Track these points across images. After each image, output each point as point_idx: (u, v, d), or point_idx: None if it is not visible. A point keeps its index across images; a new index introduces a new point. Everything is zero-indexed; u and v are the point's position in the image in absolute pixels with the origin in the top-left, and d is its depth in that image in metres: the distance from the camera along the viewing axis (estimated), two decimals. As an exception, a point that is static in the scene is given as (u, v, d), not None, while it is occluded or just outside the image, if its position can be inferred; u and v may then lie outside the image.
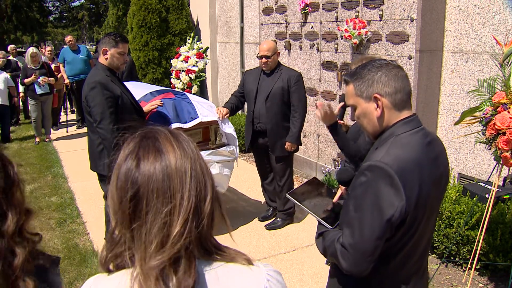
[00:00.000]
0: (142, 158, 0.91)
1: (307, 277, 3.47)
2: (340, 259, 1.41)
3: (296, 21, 5.78)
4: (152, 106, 3.79)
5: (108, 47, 3.30)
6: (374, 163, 1.37)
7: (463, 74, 4.09)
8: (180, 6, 8.70)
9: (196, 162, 0.93)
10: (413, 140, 1.43)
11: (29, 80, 7.57)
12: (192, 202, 0.88)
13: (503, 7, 3.70)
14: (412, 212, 1.38)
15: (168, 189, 0.88)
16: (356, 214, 1.39)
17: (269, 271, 0.95)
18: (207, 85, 8.87)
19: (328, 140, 5.54)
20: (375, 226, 1.35)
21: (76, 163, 6.44)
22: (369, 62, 1.50)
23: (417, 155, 1.40)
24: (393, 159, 1.37)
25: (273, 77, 4.04)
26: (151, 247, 0.86)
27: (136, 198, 0.89)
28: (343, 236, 1.42)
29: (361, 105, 1.49)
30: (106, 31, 21.05)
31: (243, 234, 4.22)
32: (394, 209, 1.33)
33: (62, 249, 3.95)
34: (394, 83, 1.44)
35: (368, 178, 1.37)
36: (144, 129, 0.96)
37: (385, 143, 1.44)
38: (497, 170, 2.95)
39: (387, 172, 1.34)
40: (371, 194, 1.36)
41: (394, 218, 1.34)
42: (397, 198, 1.33)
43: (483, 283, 3.34)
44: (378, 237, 1.35)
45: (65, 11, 35.02)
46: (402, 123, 1.45)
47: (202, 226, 0.89)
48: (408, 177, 1.36)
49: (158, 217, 0.87)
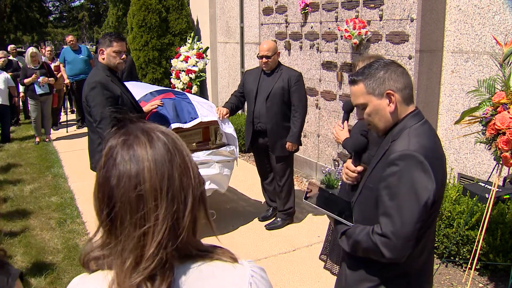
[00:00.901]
0: (115, 168, 0.86)
1: (307, 277, 3.47)
2: (382, 248, 1.47)
3: (296, 21, 5.78)
4: (152, 106, 3.80)
5: (104, 47, 3.32)
6: (404, 152, 1.46)
7: (463, 74, 4.09)
8: (180, 6, 8.70)
9: (174, 169, 0.87)
10: (425, 130, 1.55)
11: (29, 80, 7.57)
12: (168, 222, 0.84)
13: (503, 7, 3.70)
14: (439, 196, 1.49)
15: (141, 210, 0.84)
16: (392, 202, 1.46)
17: (253, 268, 0.94)
18: (207, 85, 8.87)
19: (328, 140, 5.54)
20: (414, 211, 1.42)
21: (76, 163, 6.44)
22: (374, 62, 1.59)
23: (433, 143, 1.53)
24: (418, 147, 1.47)
25: (273, 77, 4.04)
26: (126, 264, 0.84)
27: (111, 217, 0.87)
28: (383, 226, 1.47)
29: (372, 102, 1.57)
30: (106, 31, 21.04)
31: (243, 234, 4.22)
32: (429, 192, 1.42)
33: (62, 249, 3.95)
34: (402, 79, 1.55)
35: (401, 166, 1.45)
36: (122, 130, 0.90)
37: (401, 135, 1.53)
38: (497, 170, 2.95)
39: (418, 158, 1.44)
40: (406, 181, 1.44)
41: (429, 201, 1.43)
42: (430, 182, 1.43)
43: (483, 283, 3.34)
44: (418, 220, 1.43)
45: (65, 11, 35.01)
46: (411, 116, 1.56)
47: (181, 239, 0.86)
48: (434, 162, 1.46)
49: (131, 239, 0.85)
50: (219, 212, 4.54)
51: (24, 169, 6.43)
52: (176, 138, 0.91)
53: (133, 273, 0.84)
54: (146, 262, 0.84)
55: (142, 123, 0.92)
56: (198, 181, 0.91)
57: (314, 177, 5.85)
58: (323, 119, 5.58)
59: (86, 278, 0.93)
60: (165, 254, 0.84)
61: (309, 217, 4.56)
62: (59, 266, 3.66)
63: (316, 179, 5.79)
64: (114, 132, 0.91)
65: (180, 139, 0.93)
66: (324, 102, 5.51)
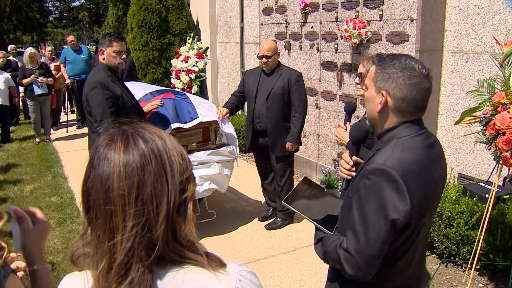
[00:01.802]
0: (93, 170, 0.86)
1: (307, 277, 3.47)
2: (344, 264, 1.40)
3: (296, 21, 5.78)
4: (152, 106, 3.80)
5: (104, 47, 3.32)
6: (378, 166, 1.36)
7: (463, 74, 4.10)
8: (180, 6, 8.70)
9: (147, 176, 0.84)
10: (414, 143, 1.41)
11: (28, 80, 7.56)
12: (137, 229, 0.82)
13: (503, 7, 3.70)
14: (416, 216, 1.37)
15: (110, 215, 0.84)
16: (360, 218, 1.37)
17: (242, 272, 0.92)
18: (207, 85, 8.87)
19: (328, 140, 5.54)
20: (380, 230, 1.33)
21: (76, 163, 6.43)
22: (401, 56, 1.45)
23: (419, 158, 1.39)
24: (397, 162, 1.35)
25: (273, 77, 4.04)
26: (99, 268, 0.85)
27: (87, 217, 0.87)
28: (347, 241, 1.40)
29: (370, 91, 1.49)
30: (106, 31, 21.02)
31: (243, 234, 4.22)
32: (398, 213, 1.32)
33: (62, 249, 3.95)
34: (407, 91, 1.40)
35: (372, 181, 1.36)
36: (109, 132, 0.90)
37: (387, 145, 1.42)
38: (497, 170, 2.95)
39: (392, 176, 1.33)
40: (376, 198, 1.34)
41: (398, 222, 1.33)
42: (402, 203, 1.32)
43: (483, 283, 3.34)
44: (384, 241, 1.34)
45: (65, 11, 35.00)
46: (404, 126, 1.44)
47: (157, 247, 0.84)
48: (412, 181, 1.34)
49: (102, 244, 0.85)
50: (219, 212, 4.54)
51: (24, 169, 6.43)
52: (162, 143, 0.88)
53: (108, 278, 0.84)
54: (117, 268, 0.83)
55: (133, 125, 0.91)
56: (180, 188, 0.87)
57: (314, 177, 5.85)
58: (323, 119, 5.58)
59: (73, 277, 0.94)
60: (139, 261, 0.83)
61: (309, 217, 4.56)
62: (59, 266, 3.66)
63: (316, 179, 5.79)
64: (102, 133, 0.91)
65: (172, 144, 0.90)
66: (324, 102, 5.51)
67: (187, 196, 0.89)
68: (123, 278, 0.83)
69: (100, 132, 0.92)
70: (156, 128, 0.93)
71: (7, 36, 26.03)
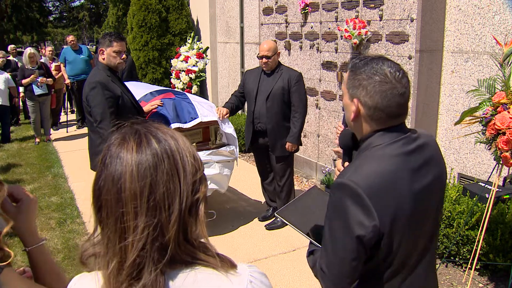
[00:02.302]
0: (105, 169, 0.86)
1: (307, 277, 3.47)
2: (320, 280, 1.37)
3: (296, 21, 5.78)
4: (152, 106, 3.80)
5: (104, 47, 3.32)
6: (341, 181, 1.28)
7: (463, 74, 4.10)
8: (180, 6, 8.70)
9: (159, 175, 0.84)
10: (388, 152, 1.31)
11: (27, 80, 7.56)
12: (149, 230, 0.82)
13: (503, 7, 3.70)
14: (390, 231, 1.27)
15: (121, 215, 0.83)
16: (328, 234, 1.32)
17: (253, 273, 0.91)
18: (207, 85, 8.87)
19: (328, 140, 5.54)
20: (346, 247, 1.27)
21: (76, 163, 6.44)
22: (373, 61, 1.35)
23: (391, 169, 1.29)
24: (363, 176, 1.26)
25: (273, 77, 4.04)
26: (110, 267, 0.84)
27: (98, 217, 0.87)
28: (320, 258, 1.36)
29: (345, 98, 1.41)
30: (106, 31, 21.04)
31: (243, 234, 4.22)
32: (364, 229, 1.24)
33: (62, 249, 3.96)
34: (379, 98, 1.30)
35: (337, 197, 1.30)
36: (122, 131, 0.90)
37: (359, 157, 1.35)
38: (497, 170, 2.95)
39: (354, 191, 1.24)
40: (340, 214, 1.28)
41: (366, 239, 1.25)
42: (367, 218, 1.24)
43: (483, 283, 3.34)
44: (352, 258, 1.28)
45: (65, 11, 35.00)
46: (379, 135, 1.34)
47: (169, 248, 0.84)
48: (380, 195, 1.25)
49: (113, 243, 0.84)
50: (219, 212, 4.54)
51: (24, 169, 6.43)
52: (174, 143, 0.88)
53: (119, 279, 0.83)
54: (128, 268, 0.83)
55: (146, 125, 0.90)
56: (192, 188, 0.87)
57: (314, 177, 5.85)
58: (323, 119, 5.58)
59: (83, 278, 0.94)
60: (151, 263, 0.83)
61: (309, 217, 4.56)
62: (59, 266, 3.66)
63: (316, 179, 5.79)
64: (114, 131, 0.90)
65: (185, 144, 0.89)
66: (324, 102, 5.51)
67: (199, 196, 0.88)
68: (135, 279, 0.83)
69: (113, 131, 0.93)
70: (169, 128, 0.92)
71: (7, 36, 26.02)
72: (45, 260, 1.18)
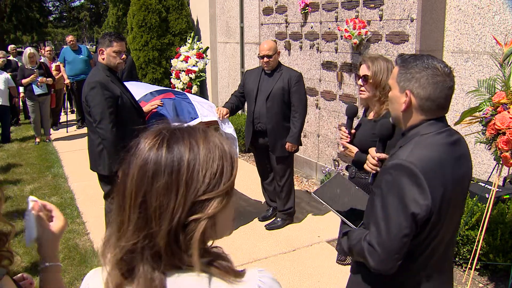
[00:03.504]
0: (126, 160, 0.87)
1: (307, 277, 3.47)
2: (368, 257, 1.44)
3: (296, 21, 5.78)
4: (152, 106, 3.80)
5: (104, 47, 3.32)
6: (399, 162, 1.40)
7: (463, 74, 4.09)
8: (180, 6, 8.70)
9: (155, 186, 0.81)
10: (436, 140, 1.44)
11: (27, 80, 7.57)
12: (138, 235, 0.82)
13: (503, 7, 3.70)
14: (437, 211, 1.39)
15: (122, 211, 0.85)
16: (382, 212, 1.41)
17: (262, 278, 0.88)
18: (207, 85, 8.87)
19: (328, 140, 5.54)
20: (401, 224, 1.37)
21: (76, 163, 6.44)
22: (423, 56, 1.48)
23: (440, 155, 1.42)
24: (417, 158, 1.39)
25: (273, 77, 4.04)
26: (107, 258, 0.86)
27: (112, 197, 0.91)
28: (370, 235, 1.44)
29: (394, 91, 1.53)
30: (106, 31, 21.03)
31: (243, 234, 4.22)
32: (419, 207, 1.35)
33: (62, 249, 3.96)
34: (431, 89, 1.43)
35: (393, 176, 1.40)
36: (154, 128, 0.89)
37: (409, 143, 1.46)
38: (497, 170, 2.95)
39: (412, 171, 1.36)
40: (396, 192, 1.38)
41: (419, 217, 1.36)
42: (422, 197, 1.35)
43: (483, 283, 3.34)
44: (405, 235, 1.37)
45: (65, 11, 34.99)
46: (427, 124, 1.47)
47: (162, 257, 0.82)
48: (432, 177, 1.38)
49: (113, 235, 0.86)
50: (219, 212, 4.53)
51: (24, 169, 6.43)
52: (189, 156, 0.82)
53: (112, 269, 0.85)
54: (118, 263, 0.84)
55: (175, 128, 0.87)
56: (190, 208, 0.81)
57: (314, 177, 5.85)
58: (323, 119, 5.58)
59: (97, 272, 0.95)
60: (145, 264, 0.82)
61: (309, 217, 4.56)
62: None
63: (316, 179, 5.79)
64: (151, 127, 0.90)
65: (206, 159, 0.83)
66: (324, 102, 5.51)
67: (199, 217, 0.81)
68: (131, 276, 0.84)
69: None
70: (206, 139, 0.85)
71: (7, 36, 26.03)
72: (57, 278, 1.20)
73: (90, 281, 0.96)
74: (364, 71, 2.49)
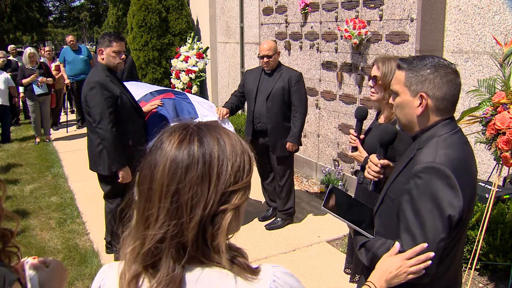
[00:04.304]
0: (150, 154, 0.89)
1: (307, 277, 3.47)
2: None
3: (296, 21, 5.78)
4: (152, 106, 3.80)
5: (103, 47, 3.32)
6: (429, 165, 1.34)
7: (463, 74, 4.09)
8: (180, 6, 8.70)
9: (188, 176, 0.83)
10: (455, 140, 1.41)
11: (27, 80, 7.57)
12: (167, 227, 0.83)
13: (503, 7, 3.70)
14: (466, 212, 1.36)
15: (148, 203, 0.86)
16: (415, 218, 1.35)
17: (276, 272, 0.90)
18: (207, 85, 8.87)
19: (328, 140, 5.54)
20: (437, 229, 1.32)
21: (76, 163, 6.44)
22: (429, 57, 1.44)
23: (464, 155, 1.40)
24: (446, 159, 1.34)
25: (273, 77, 4.04)
26: (130, 248, 0.87)
27: (135, 195, 0.91)
28: (404, 243, 1.37)
29: (404, 96, 1.46)
30: (106, 31, 21.00)
31: (243, 234, 4.22)
32: (454, 209, 1.31)
33: (62, 249, 3.95)
34: (446, 88, 1.40)
35: (425, 180, 1.34)
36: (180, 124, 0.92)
37: (429, 144, 1.41)
38: (497, 170, 2.95)
39: (444, 173, 1.32)
40: (430, 196, 1.33)
41: (454, 219, 1.32)
42: (456, 199, 1.31)
43: (483, 283, 3.34)
44: (442, 239, 1.32)
45: (65, 11, 34.99)
46: (442, 124, 1.43)
47: (187, 250, 0.84)
48: (462, 176, 1.34)
49: (138, 228, 0.87)
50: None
51: (24, 169, 6.43)
52: (218, 150, 0.86)
53: (134, 260, 0.86)
54: (143, 255, 0.85)
55: (202, 125, 0.91)
56: (220, 198, 0.85)
57: (314, 177, 5.85)
58: (323, 119, 5.58)
59: (113, 265, 0.97)
60: (169, 256, 0.84)
61: (309, 217, 4.56)
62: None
63: (316, 179, 5.79)
64: (171, 125, 0.93)
65: (232, 153, 0.87)
66: (324, 102, 5.51)
67: (226, 208, 0.86)
68: (152, 267, 0.85)
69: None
70: (228, 134, 0.90)
71: (7, 36, 26.01)
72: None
73: (105, 275, 0.98)
74: (374, 72, 2.39)
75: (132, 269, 0.86)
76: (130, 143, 3.36)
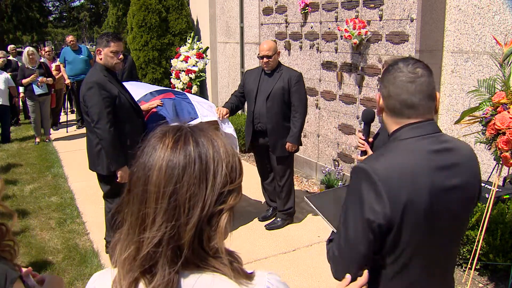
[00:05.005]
0: (141, 156, 0.88)
1: (307, 277, 3.46)
2: (331, 264, 1.40)
3: (296, 21, 5.78)
4: (152, 106, 3.80)
5: (101, 48, 3.33)
6: (359, 166, 1.34)
7: (463, 74, 4.09)
8: (180, 6, 8.69)
9: (186, 177, 0.84)
10: (415, 146, 1.34)
11: (28, 80, 7.57)
12: (165, 229, 0.83)
13: (503, 7, 3.70)
14: (400, 222, 1.28)
15: (144, 206, 0.85)
16: (343, 218, 1.36)
17: (271, 279, 0.91)
18: (207, 85, 8.87)
19: (328, 140, 5.54)
20: (357, 230, 1.30)
21: (76, 163, 6.44)
22: (397, 61, 1.42)
23: (415, 162, 1.31)
24: (382, 164, 1.31)
25: (273, 77, 4.04)
26: (126, 253, 0.86)
27: (126, 199, 0.89)
28: (333, 242, 1.41)
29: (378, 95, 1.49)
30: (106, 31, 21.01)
31: (243, 234, 4.22)
32: (374, 214, 1.27)
33: (62, 249, 3.95)
34: (392, 87, 1.37)
35: (354, 180, 1.35)
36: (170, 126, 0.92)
37: (386, 147, 1.40)
38: (497, 170, 2.95)
39: (369, 176, 1.28)
40: (354, 197, 1.32)
41: (374, 225, 1.27)
42: (379, 205, 1.27)
43: (483, 283, 3.34)
44: (361, 242, 1.30)
45: (65, 11, 34.99)
46: (409, 128, 1.36)
47: (184, 253, 0.84)
48: (396, 185, 1.27)
49: (132, 232, 0.86)
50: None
51: (24, 169, 6.43)
52: (213, 151, 0.87)
53: (130, 266, 0.85)
54: (141, 260, 0.84)
55: (195, 126, 0.91)
56: (217, 198, 0.86)
57: (314, 177, 5.85)
58: (323, 119, 5.58)
59: (104, 273, 0.96)
60: (165, 260, 0.84)
61: (309, 217, 4.56)
62: (59, 266, 3.66)
63: (316, 179, 5.79)
64: (164, 124, 0.92)
65: (226, 154, 0.88)
66: (324, 102, 5.51)
67: (222, 208, 0.87)
68: (148, 272, 0.84)
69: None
70: (218, 136, 0.91)
71: (7, 36, 26.01)
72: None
73: (96, 283, 0.96)
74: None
75: (128, 276, 0.85)
76: (128, 143, 3.37)
